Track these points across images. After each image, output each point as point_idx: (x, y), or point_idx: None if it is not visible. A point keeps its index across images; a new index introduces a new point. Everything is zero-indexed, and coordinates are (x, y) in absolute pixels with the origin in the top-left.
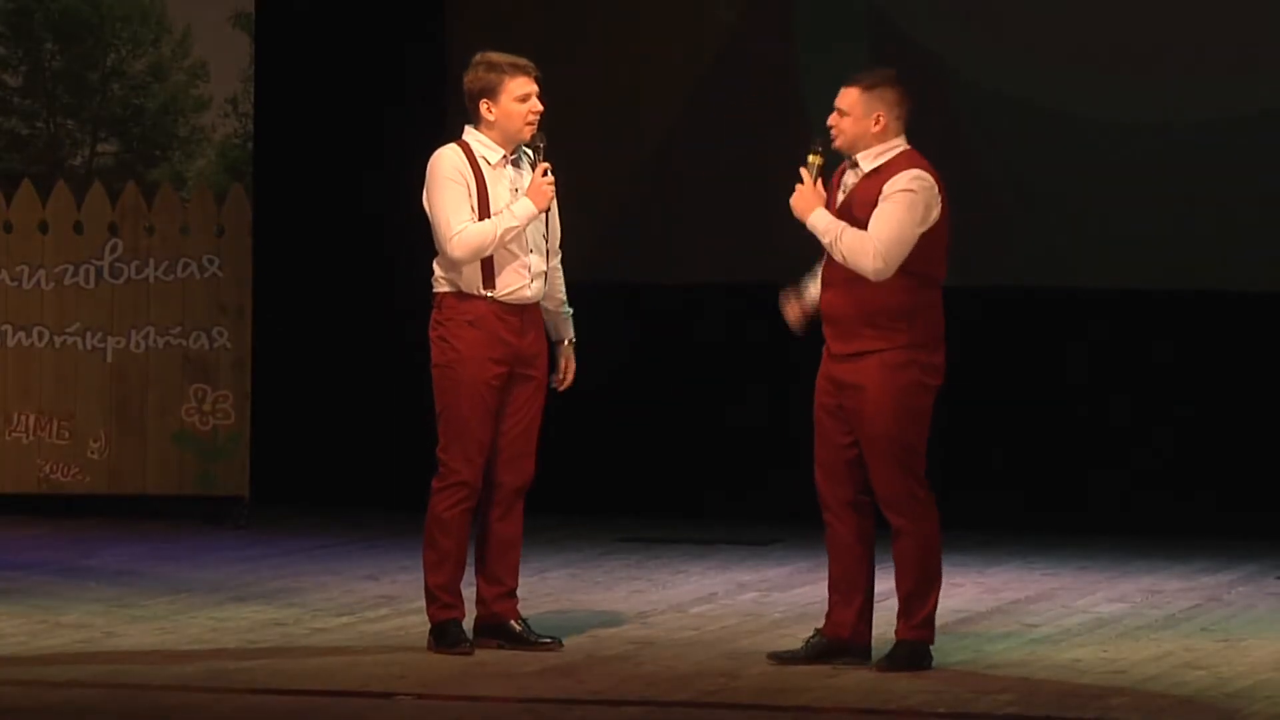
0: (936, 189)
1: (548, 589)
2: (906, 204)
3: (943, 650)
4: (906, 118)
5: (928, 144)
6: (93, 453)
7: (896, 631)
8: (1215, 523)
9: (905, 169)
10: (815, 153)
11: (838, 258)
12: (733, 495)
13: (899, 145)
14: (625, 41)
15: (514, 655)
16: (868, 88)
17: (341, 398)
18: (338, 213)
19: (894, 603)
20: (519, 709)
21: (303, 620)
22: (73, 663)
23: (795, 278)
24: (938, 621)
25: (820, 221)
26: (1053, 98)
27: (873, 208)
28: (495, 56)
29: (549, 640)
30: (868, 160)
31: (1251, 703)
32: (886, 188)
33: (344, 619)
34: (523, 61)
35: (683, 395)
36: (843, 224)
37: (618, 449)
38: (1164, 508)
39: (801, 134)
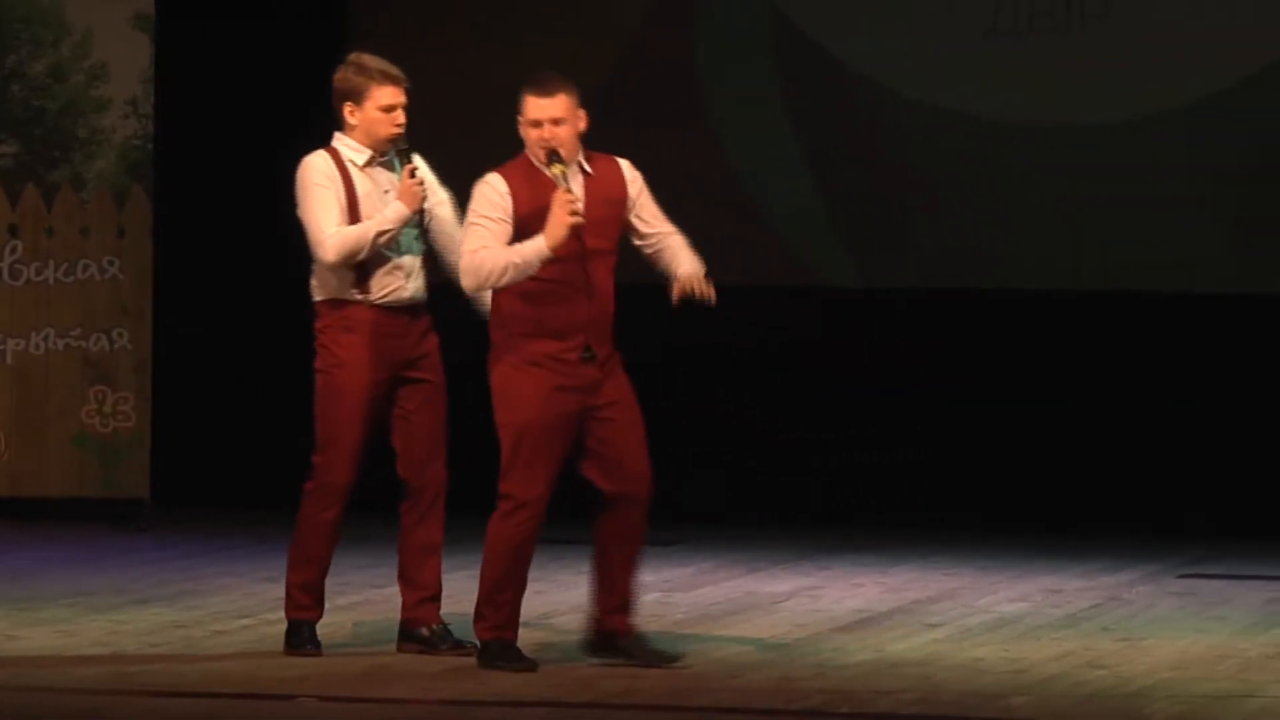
0: None
1: (449, 591)
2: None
3: (844, 650)
4: None
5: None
6: None
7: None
8: (1117, 522)
9: (613, 158)
10: (557, 163)
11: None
12: None
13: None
14: (532, 47)
15: (417, 658)
16: (571, 91)
17: (243, 399)
18: (239, 213)
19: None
20: (422, 711)
21: (204, 623)
22: None
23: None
24: (841, 621)
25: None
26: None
27: (619, 206)
28: (368, 60)
29: (467, 645)
30: (584, 162)
31: (1151, 702)
32: (637, 180)
33: (245, 621)
34: (394, 71)
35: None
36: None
37: None
38: (1066, 507)
39: (708, 141)
